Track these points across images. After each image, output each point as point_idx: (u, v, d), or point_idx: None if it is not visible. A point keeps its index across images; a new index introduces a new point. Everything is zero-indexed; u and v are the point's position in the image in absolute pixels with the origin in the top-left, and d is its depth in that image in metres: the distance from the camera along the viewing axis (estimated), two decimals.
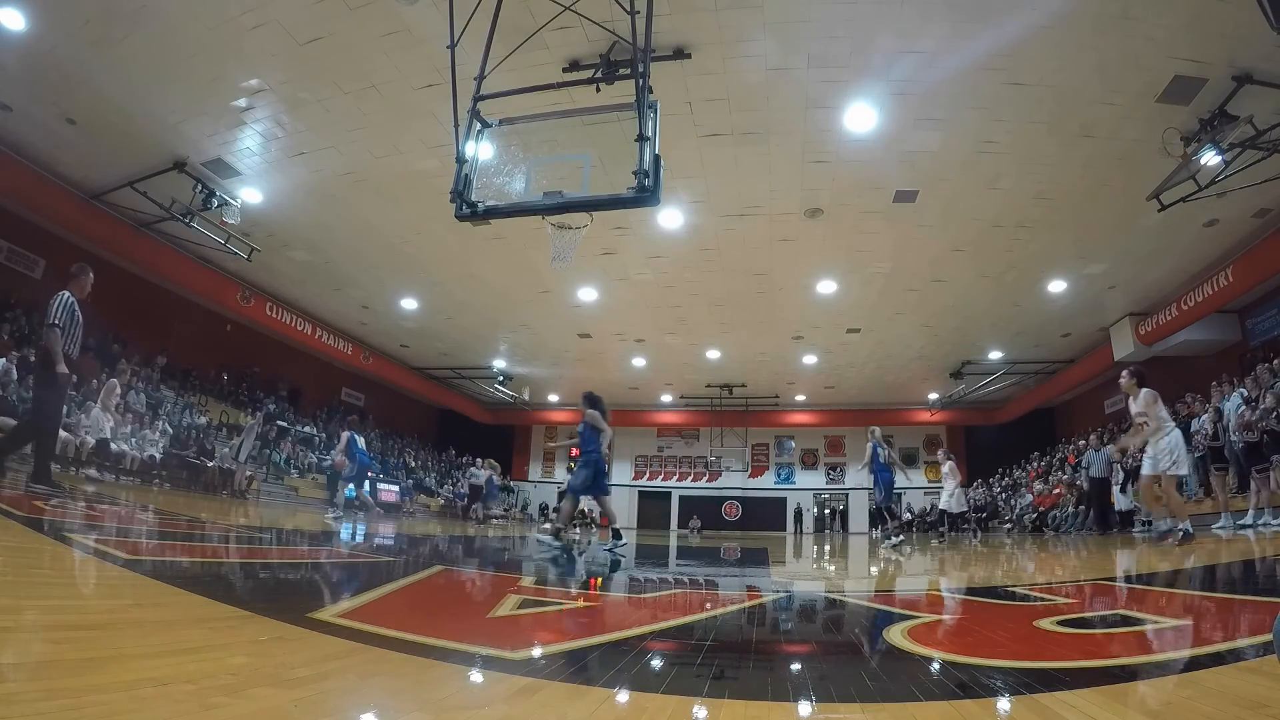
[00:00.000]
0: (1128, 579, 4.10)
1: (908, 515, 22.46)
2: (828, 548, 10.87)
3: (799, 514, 23.93)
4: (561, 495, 6.95)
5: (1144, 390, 5.98)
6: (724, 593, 3.71)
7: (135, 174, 10.08)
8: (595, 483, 6.78)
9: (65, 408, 10.02)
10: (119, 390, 10.52)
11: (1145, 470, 6.05)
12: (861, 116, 8.05)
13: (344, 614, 2.09)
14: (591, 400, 6.95)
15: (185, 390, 14.15)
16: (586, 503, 9.59)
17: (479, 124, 5.18)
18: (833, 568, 6.64)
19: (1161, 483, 5.94)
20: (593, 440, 6.76)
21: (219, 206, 10.32)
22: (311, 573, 3.45)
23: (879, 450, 9.68)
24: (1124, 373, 6.31)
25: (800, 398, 22.41)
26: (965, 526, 13.28)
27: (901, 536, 8.59)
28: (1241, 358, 11.81)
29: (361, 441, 10.59)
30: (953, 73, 7.20)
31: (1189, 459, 5.70)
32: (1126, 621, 2.48)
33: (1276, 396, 8.22)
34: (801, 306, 14.19)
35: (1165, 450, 5.77)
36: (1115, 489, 11.32)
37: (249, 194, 10.48)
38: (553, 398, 23.39)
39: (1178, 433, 5.86)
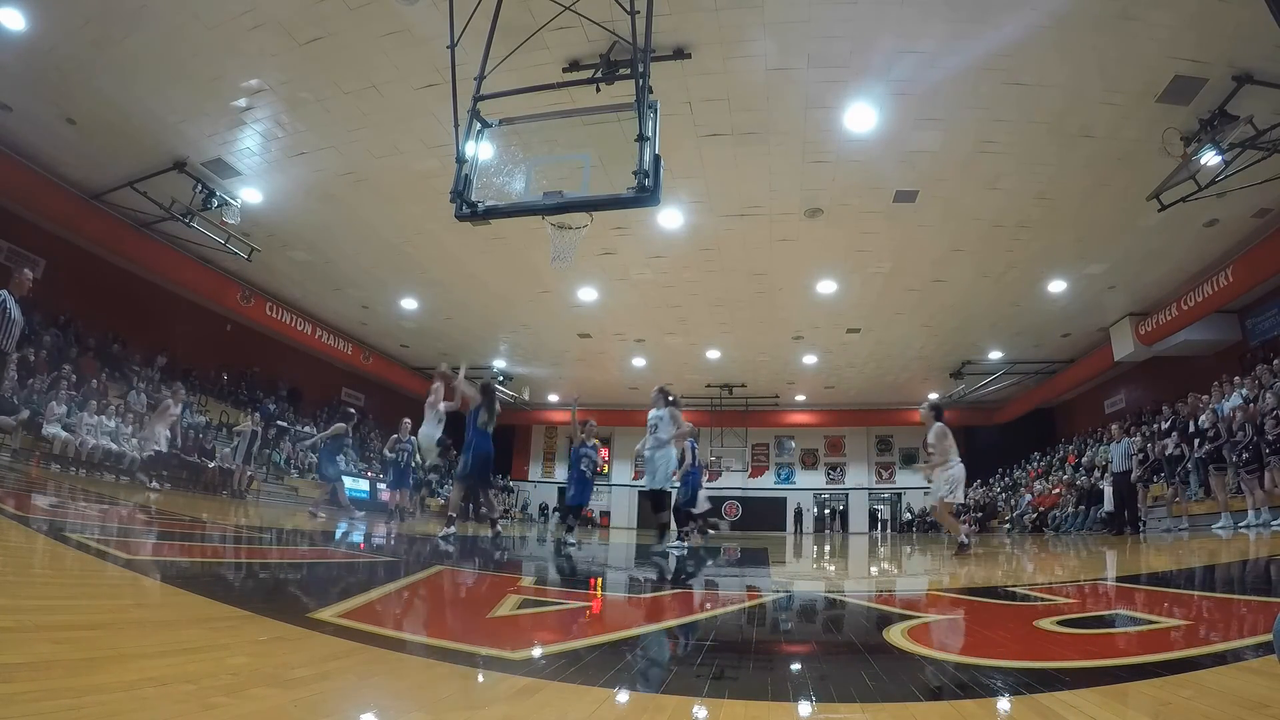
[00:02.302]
0: (1126, 579, 4.10)
1: (908, 515, 22.51)
2: (828, 548, 10.87)
3: (799, 514, 23.93)
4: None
5: (936, 424, 6.68)
6: (724, 593, 3.71)
7: (135, 174, 10.07)
8: (471, 470, 6.91)
9: (66, 408, 10.12)
10: (174, 411, 10.92)
11: (934, 496, 6.99)
12: (861, 116, 8.05)
13: (344, 614, 2.09)
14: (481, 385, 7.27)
15: (185, 390, 14.14)
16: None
17: (479, 124, 5.18)
18: (832, 568, 6.65)
19: (939, 506, 6.85)
20: (469, 422, 6.94)
21: (219, 206, 10.32)
22: (311, 573, 3.45)
23: (695, 450, 9.24)
24: (924, 405, 7.21)
25: (800, 398, 22.41)
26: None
27: (687, 542, 7.87)
28: (1241, 358, 11.81)
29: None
30: (953, 73, 7.19)
31: (964, 491, 6.80)
32: (1126, 621, 2.48)
33: (1276, 396, 8.23)
34: (801, 306, 14.18)
35: (944, 480, 6.63)
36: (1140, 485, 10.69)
37: (249, 194, 10.48)
38: (552, 398, 23.37)
39: (961, 467, 6.70)
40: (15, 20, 7.11)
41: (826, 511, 24.59)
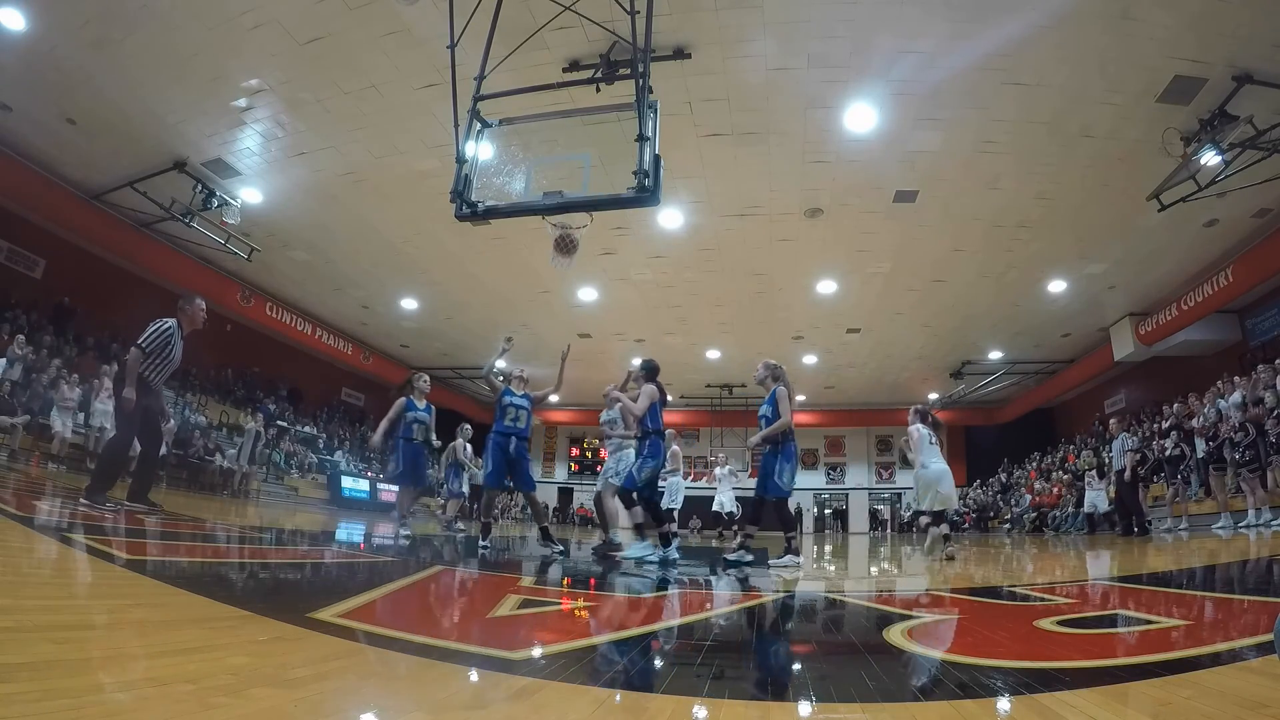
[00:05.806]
0: (1126, 579, 4.10)
1: (908, 515, 22.49)
2: (828, 548, 10.87)
3: (799, 514, 23.94)
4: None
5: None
6: (724, 592, 3.71)
7: (135, 174, 10.08)
8: (403, 472, 6.93)
9: (79, 393, 10.10)
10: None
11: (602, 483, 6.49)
12: (861, 116, 8.05)
13: (344, 614, 2.09)
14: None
15: (185, 390, 14.15)
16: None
17: (479, 124, 5.18)
18: (833, 568, 6.64)
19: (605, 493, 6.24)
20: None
21: (219, 206, 10.32)
22: (311, 573, 3.45)
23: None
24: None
25: (800, 398, 22.37)
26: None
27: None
28: (1241, 358, 11.81)
29: None
30: (953, 73, 7.20)
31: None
32: (1126, 621, 2.48)
33: (1277, 396, 8.23)
34: (801, 306, 14.19)
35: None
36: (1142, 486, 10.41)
37: (249, 194, 10.49)
38: (552, 398, 23.38)
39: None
40: (15, 20, 7.11)
41: (827, 511, 24.59)
